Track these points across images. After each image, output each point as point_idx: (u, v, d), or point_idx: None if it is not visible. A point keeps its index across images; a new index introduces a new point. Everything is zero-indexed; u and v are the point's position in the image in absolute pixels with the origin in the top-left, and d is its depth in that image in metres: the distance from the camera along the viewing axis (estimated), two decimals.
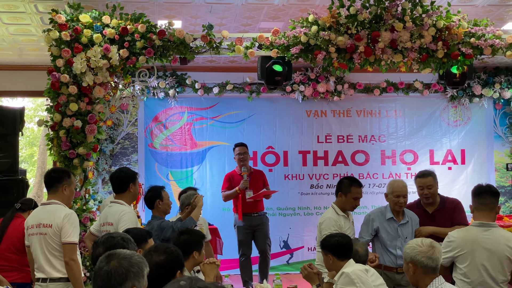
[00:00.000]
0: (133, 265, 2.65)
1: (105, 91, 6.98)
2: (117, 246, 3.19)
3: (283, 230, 9.92)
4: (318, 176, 10.26)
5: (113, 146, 9.78)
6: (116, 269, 2.63)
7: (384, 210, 5.82)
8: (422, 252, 3.68)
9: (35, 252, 4.84)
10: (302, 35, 7.08)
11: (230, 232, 9.18)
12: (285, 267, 10.02)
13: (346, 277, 4.49)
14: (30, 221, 4.93)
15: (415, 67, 7.39)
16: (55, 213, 4.80)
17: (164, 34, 6.94)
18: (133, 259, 2.68)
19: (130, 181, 5.35)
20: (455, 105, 10.46)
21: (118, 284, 2.59)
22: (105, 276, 2.63)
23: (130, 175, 5.41)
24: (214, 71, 10.05)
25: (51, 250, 4.78)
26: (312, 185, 10.24)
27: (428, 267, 3.66)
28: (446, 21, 7.13)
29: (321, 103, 10.28)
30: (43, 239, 4.79)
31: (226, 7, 7.46)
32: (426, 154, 10.43)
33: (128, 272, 2.62)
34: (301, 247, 10.14)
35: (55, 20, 6.81)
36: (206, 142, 10.13)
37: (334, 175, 10.26)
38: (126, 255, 2.70)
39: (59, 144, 6.87)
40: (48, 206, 4.90)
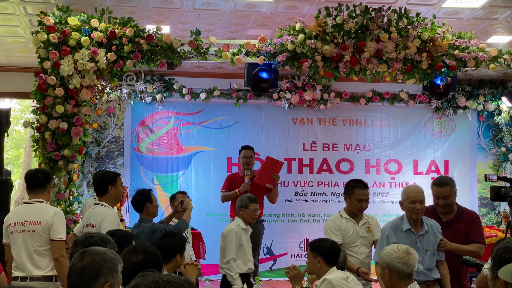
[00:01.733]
0: (106, 261, 2.69)
1: (91, 94, 7.00)
2: (95, 246, 3.23)
3: (267, 236, 9.87)
4: (303, 184, 10.33)
5: (99, 149, 9.80)
6: (89, 265, 2.67)
7: (400, 222, 5.21)
8: (398, 258, 3.75)
9: (17, 250, 4.87)
10: (288, 43, 7.16)
11: (213, 237, 9.20)
12: (268, 273, 10.05)
13: (328, 284, 4.55)
14: (12, 219, 4.96)
15: (400, 77, 7.48)
16: (44, 210, 4.88)
17: (152, 38, 6.99)
18: (107, 255, 2.72)
19: (110, 184, 5.37)
20: (439, 116, 10.58)
21: (91, 279, 2.63)
22: (79, 272, 2.67)
23: (109, 177, 5.42)
24: (201, 77, 10.10)
25: (37, 248, 4.83)
26: (296, 192, 10.30)
27: (403, 272, 3.73)
28: (431, 33, 7.24)
29: (307, 111, 10.36)
30: (28, 237, 4.83)
31: (215, 14, 7.52)
32: (410, 164, 10.52)
33: (101, 267, 2.66)
34: (284, 253, 10.18)
35: (43, 22, 6.84)
36: (192, 147, 10.16)
37: (319, 183, 10.33)
38: (100, 252, 2.74)
39: (44, 146, 6.89)
40: (34, 204, 4.95)
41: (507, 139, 10.33)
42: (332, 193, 10.37)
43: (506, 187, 5.64)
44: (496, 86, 10.47)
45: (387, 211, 10.31)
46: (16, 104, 19.46)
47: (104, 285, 2.65)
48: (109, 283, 2.67)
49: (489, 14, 7.49)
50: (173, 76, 9.93)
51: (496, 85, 10.48)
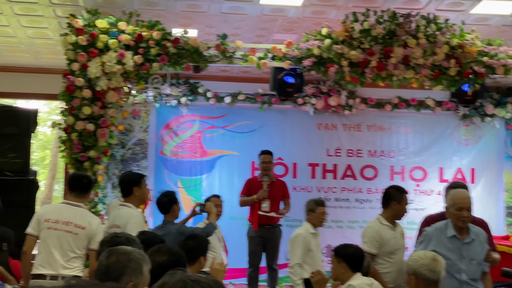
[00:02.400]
0: (131, 261, 2.69)
1: (118, 96, 7.06)
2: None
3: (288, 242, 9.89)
4: (327, 189, 10.27)
5: (124, 152, 9.85)
6: (113, 264, 2.68)
7: (444, 227, 4.88)
8: (425, 264, 3.71)
9: (49, 247, 4.98)
10: (315, 47, 7.14)
11: (236, 241, 9.19)
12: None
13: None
14: (52, 215, 5.08)
15: (427, 83, 7.42)
16: (90, 217, 5.17)
17: (178, 42, 7.02)
18: (132, 255, 2.72)
19: (134, 185, 5.42)
20: (466, 124, 10.46)
21: (115, 278, 2.64)
22: (104, 270, 2.69)
23: (134, 179, 5.47)
24: (226, 81, 10.10)
25: (76, 250, 5.02)
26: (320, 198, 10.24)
27: (430, 279, 3.69)
28: (460, 39, 7.17)
29: (332, 117, 10.31)
30: (70, 238, 5.00)
31: (241, 18, 7.53)
32: (435, 171, 10.42)
33: (125, 267, 2.66)
34: None
35: (72, 24, 6.91)
36: (216, 151, 10.17)
37: (342, 189, 10.27)
38: (126, 251, 2.74)
39: (71, 147, 6.95)
40: (78, 208, 5.16)
41: None
42: (356, 199, 10.31)
43: None
44: None
45: (412, 219, 10.17)
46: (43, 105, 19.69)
47: (128, 285, 2.66)
48: (133, 283, 2.67)
49: None
50: (199, 79, 9.95)
51: None
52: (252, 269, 8.31)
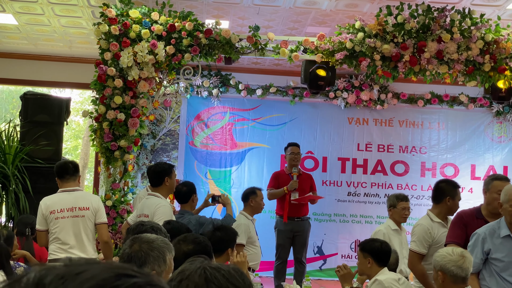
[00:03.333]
0: (153, 249, 2.69)
1: (149, 86, 7.09)
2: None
3: (317, 235, 9.87)
4: (356, 184, 10.22)
5: (154, 142, 9.91)
6: (136, 253, 2.68)
7: (497, 226, 4.37)
8: (453, 261, 3.66)
9: (65, 235, 5.15)
10: (347, 41, 7.09)
11: (264, 234, 9.19)
12: (318, 272, 9.99)
13: (379, 285, 4.50)
14: (56, 206, 5.21)
15: (460, 79, 7.32)
16: (88, 197, 5.37)
17: (210, 33, 7.03)
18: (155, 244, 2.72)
19: (166, 175, 5.44)
20: (500, 121, 10.30)
21: (137, 267, 2.64)
22: (126, 259, 2.70)
23: (166, 169, 5.50)
24: (258, 73, 10.10)
25: (88, 231, 5.22)
26: (349, 193, 10.20)
27: (457, 276, 3.64)
28: (495, 35, 7.05)
29: (363, 111, 10.24)
30: (80, 221, 5.19)
31: (274, 10, 7.51)
32: (467, 168, 10.28)
33: (147, 256, 2.66)
34: (335, 253, 10.10)
35: (105, 14, 6.96)
36: (246, 143, 10.18)
37: (372, 184, 10.21)
38: (149, 239, 2.74)
39: (101, 136, 7.01)
40: (76, 192, 5.30)
41: None
42: (385, 194, 10.19)
43: None
44: None
45: None
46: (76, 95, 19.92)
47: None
48: (155, 271, 2.66)
49: None
50: (230, 71, 9.97)
51: None
52: (280, 261, 8.29)
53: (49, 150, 6.87)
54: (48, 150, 6.86)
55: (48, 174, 6.74)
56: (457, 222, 4.75)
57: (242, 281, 1.50)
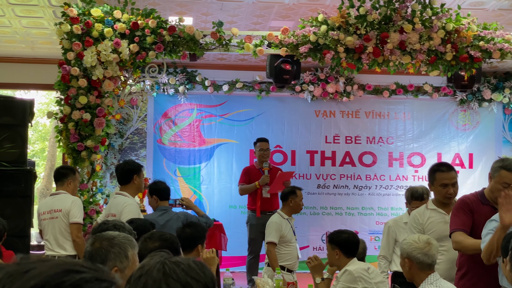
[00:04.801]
0: (114, 246, 2.69)
1: (114, 85, 7.04)
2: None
3: None
4: (325, 176, 10.29)
5: (122, 141, 9.86)
6: (97, 250, 2.70)
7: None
8: (419, 248, 3.72)
9: (47, 235, 5.78)
10: (311, 34, 7.12)
11: (236, 229, 9.25)
12: None
13: (349, 275, 4.56)
14: (42, 209, 5.88)
15: (424, 69, 7.40)
16: (64, 199, 5.80)
17: (174, 30, 7.00)
18: (116, 240, 2.72)
19: (134, 173, 5.43)
20: (464, 109, 10.46)
21: (99, 264, 2.64)
22: (88, 257, 2.71)
23: (134, 167, 5.50)
24: (224, 69, 10.10)
25: (62, 231, 5.72)
26: (319, 185, 10.27)
27: (424, 263, 3.71)
28: (456, 24, 7.15)
29: (330, 104, 10.31)
30: (55, 222, 5.73)
31: (237, 5, 7.51)
32: (434, 157, 10.42)
33: (108, 252, 2.67)
34: (306, 246, 10.17)
35: (67, 13, 6.89)
36: (215, 139, 10.18)
37: (341, 176, 10.29)
38: (109, 236, 2.75)
39: (67, 137, 6.95)
40: (57, 195, 5.90)
41: None
42: (354, 186, 10.32)
43: None
44: None
45: None
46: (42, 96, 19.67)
47: (112, 270, 2.66)
48: (117, 268, 2.66)
49: None
50: (196, 68, 9.94)
51: None
52: (252, 256, 8.33)
53: (14, 152, 6.78)
54: (13, 153, 6.76)
55: (14, 177, 6.66)
56: (462, 207, 4.27)
57: (202, 274, 1.51)
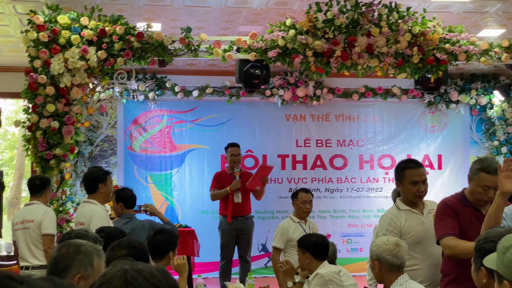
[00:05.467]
0: (80, 253, 2.69)
1: (82, 92, 6.99)
2: None
3: (261, 233, 9.93)
4: (297, 180, 10.33)
5: (92, 148, 9.78)
6: (62, 256, 2.69)
7: None
8: (388, 250, 3.75)
9: (20, 245, 5.79)
10: (279, 38, 7.15)
11: (208, 234, 9.23)
12: (263, 270, 10.05)
13: (320, 278, 4.57)
14: (15, 219, 5.92)
15: (391, 72, 7.48)
16: (36, 210, 5.82)
17: (142, 36, 6.97)
18: (82, 247, 2.72)
19: (99, 182, 5.37)
20: (432, 111, 10.59)
21: (62, 270, 2.65)
22: (53, 262, 2.72)
23: (99, 175, 5.41)
24: (194, 75, 10.08)
25: (34, 241, 5.73)
26: (290, 189, 10.27)
27: (393, 265, 3.74)
28: (422, 27, 7.24)
29: (300, 108, 10.35)
30: (26, 233, 5.75)
31: (205, 10, 7.51)
32: (403, 159, 10.49)
33: (73, 259, 2.66)
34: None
35: (33, 21, 6.82)
36: (186, 145, 10.16)
37: (313, 179, 10.34)
38: (76, 243, 2.75)
39: (36, 145, 6.87)
40: (31, 205, 5.93)
41: (499, 133, 10.34)
42: (326, 189, 10.37)
43: None
44: (488, 80, 10.49)
45: (382, 207, 10.32)
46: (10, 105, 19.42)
47: (75, 277, 2.65)
48: (81, 275, 2.66)
49: (479, 7, 7.49)
50: (166, 74, 9.91)
51: (488, 79, 10.50)
52: (225, 261, 8.32)
53: None
54: None
55: None
56: (446, 211, 4.11)
57: (165, 281, 1.50)
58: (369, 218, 10.29)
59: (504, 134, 10.33)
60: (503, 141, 10.37)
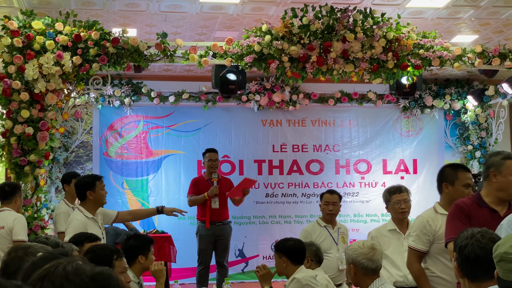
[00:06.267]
0: (28, 254, 2.69)
1: (57, 98, 6.93)
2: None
3: (238, 238, 9.91)
4: (274, 185, 10.35)
5: (67, 155, 9.71)
6: (11, 259, 2.72)
7: None
8: (363, 254, 3.78)
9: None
10: (255, 44, 7.17)
11: (185, 240, 9.21)
12: (240, 275, 10.05)
13: (297, 283, 4.58)
14: None
15: (366, 77, 7.53)
16: (7, 217, 5.77)
17: (118, 41, 6.94)
18: (30, 249, 2.74)
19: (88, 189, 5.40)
20: (407, 116, 10.68)
21: (12, 273, 2.66)
22: (3, 266, 2.74)
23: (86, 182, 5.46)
24: (170, 80, 10.07)
25: (5, 248, 5.48)
26: (267, 194, 10.31)
27: (368, 268, 3.76)
28: (396, 33, 7.31)
29: (276, 113, 10.38)
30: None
31: (181, 16, 7.51)
32: (379, 163, 10.60)
33: (22, 261, 2.67)
34: (256, 255, 10.18)
35: (7, 26, 6.76)
36: (162, 150, 10.12)
37: (289, 184, 10.36)
38: (25, 246, 2.77)
39: (10, 151, 6.80)
40: (1, 212, 5.86)
41: (473, 137, 10.48)
42: (302, 194, 10.40)
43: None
44: (462, 85, 10.62)
45: (358, 211, 10.39)
46: None
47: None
48: None
49: (452, 13, 7.59)
50: (142, 79, 9.88)
51: (462, 84, 10.63)
52: (202, 267, 8.28)
53: None
54: None
55: None
56: (456, 214, 3.97)
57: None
58: (345, 222, 10.31)
59: (478, 138, 10.46)
60: (477, 146, 10.50)
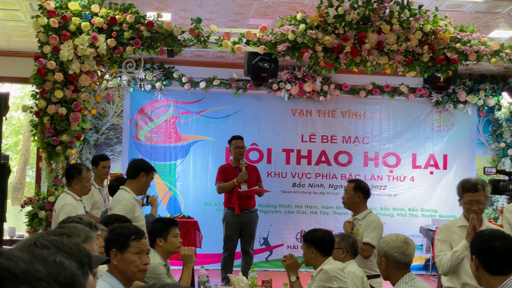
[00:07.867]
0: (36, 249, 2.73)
1: (91, 79, 6.98)
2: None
3: (263, 227, 9.91)
4: (301, 175, 10.32)
5: (98, 136, 9.78)
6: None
7: None
8: (396, 247, 3.73)
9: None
10: (289, 32, 7.12)
11: (211, 226, 9.24)
12: (264, 264, 10.06)
13: (324, 274, 4.55)
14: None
15: (400, 69, 7.44)
16: (59, 201, 5.84)
17: (152, 25, 6.96)
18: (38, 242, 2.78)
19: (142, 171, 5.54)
20: (439, 110, 10.56)
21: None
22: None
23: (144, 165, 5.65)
24: (201, 66, 10.07)
25: None
26: (294, 184, 10.29)
27: (400, 262, 3.72)
28: (433, 26, 7.20)
29: (306, 103, 10.33)
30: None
31: (216, 2, 7.49)
32: (408, 157, 10.51)
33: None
34: (280, 244, 10.18)
35: (44, 6, 6.81)
36: (191, 136, 10.15)
37: (317, 175, 10.32)
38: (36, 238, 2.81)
39: (42, 131, 6.87)
40: (60, 194, 6.00)
41: (506, 135, 10.32)
42: (330, 185, 10.36)
43: (504, 181, 5.59)
44: (497, 81, 10.45)
45: (385, 205, 10.32)
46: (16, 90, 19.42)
47: None
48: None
49: (491, 8, 7.46)
50: (173, 64, 9.90)
51: (497, 80, 10.46)
52: (227, 253, 8.32)
53: None
54: None
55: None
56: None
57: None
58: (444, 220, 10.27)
59: (511, 136, 10.30)
60: (510, 143, 10.35)
